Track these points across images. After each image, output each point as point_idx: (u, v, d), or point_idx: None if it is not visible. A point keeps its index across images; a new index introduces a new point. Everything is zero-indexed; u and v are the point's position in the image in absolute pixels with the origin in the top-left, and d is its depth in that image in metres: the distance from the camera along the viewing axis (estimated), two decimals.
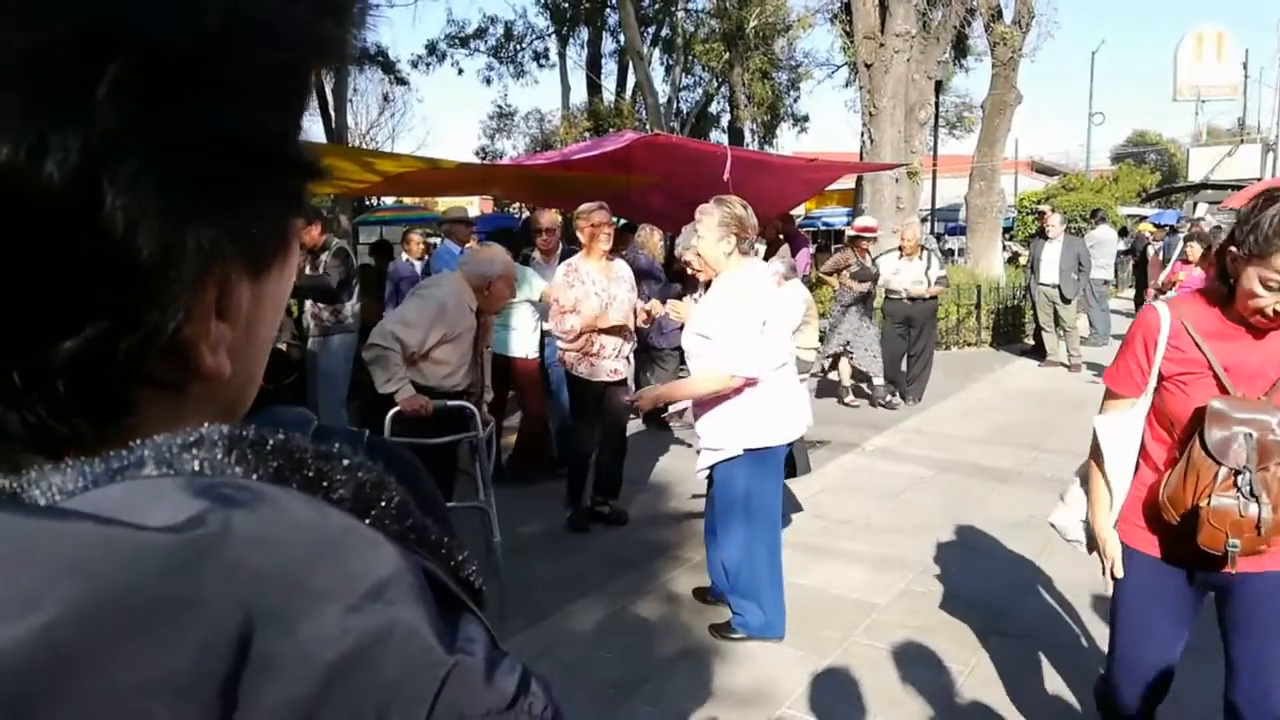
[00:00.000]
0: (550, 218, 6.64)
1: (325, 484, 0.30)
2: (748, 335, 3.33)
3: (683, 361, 4.27)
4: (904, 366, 8.53)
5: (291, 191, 0.36)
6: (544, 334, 5.82)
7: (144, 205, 0.27)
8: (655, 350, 6.77)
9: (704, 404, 3.51)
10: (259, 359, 0.38)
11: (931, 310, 8.54)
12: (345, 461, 0.31)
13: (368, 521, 0.29)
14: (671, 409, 3.86)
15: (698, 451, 3.65)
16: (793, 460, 4.10)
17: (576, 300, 4.78)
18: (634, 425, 6.27)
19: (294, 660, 0.24)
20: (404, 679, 0.26)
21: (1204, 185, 19.13)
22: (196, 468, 0.28)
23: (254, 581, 0.24)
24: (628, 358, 5.18)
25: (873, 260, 8.31)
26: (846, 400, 8.41)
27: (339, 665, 0.25)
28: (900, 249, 8.48)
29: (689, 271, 3.97)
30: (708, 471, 3.64)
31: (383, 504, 0.31)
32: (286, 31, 0.33)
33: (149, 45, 0.27)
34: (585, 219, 4.95)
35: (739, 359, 3.32)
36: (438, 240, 9.19)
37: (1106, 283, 12.43)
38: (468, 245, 7.26)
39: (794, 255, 9.19)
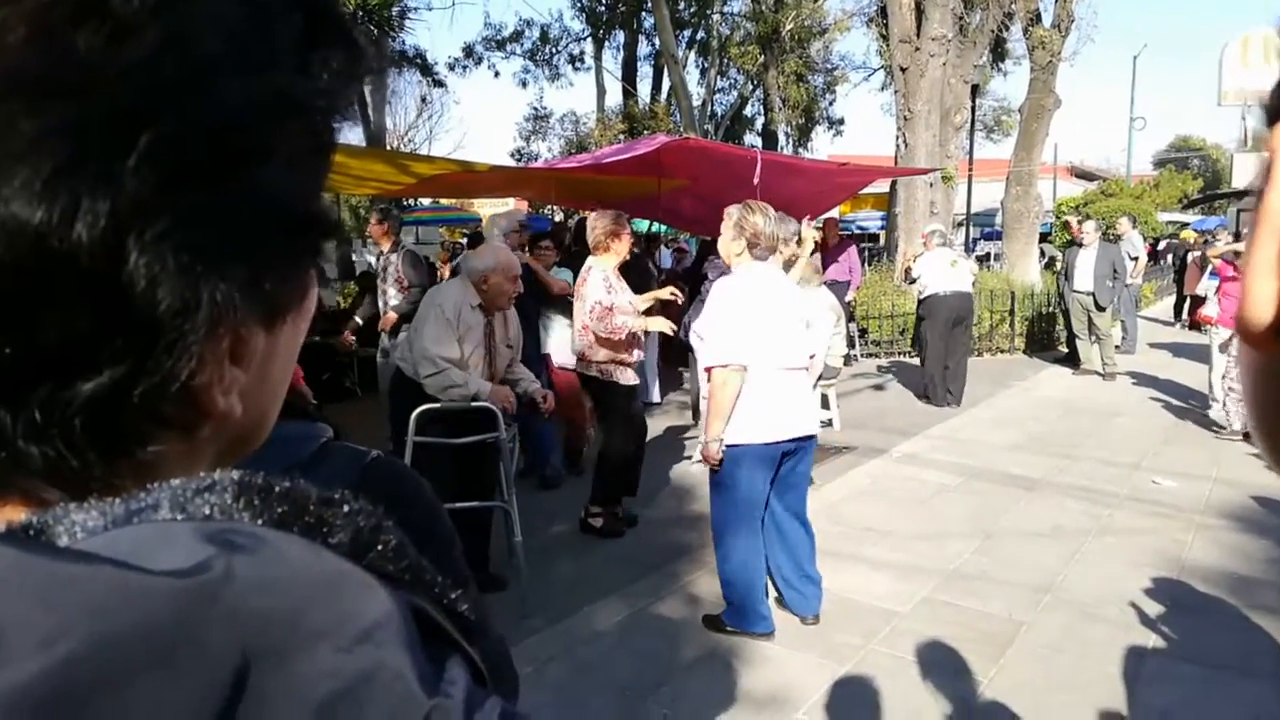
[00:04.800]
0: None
1: (325, 529, 0.32)
2: (722, 327, 3.49)
3: None
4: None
5: (309, 247, 0.38)
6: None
7: (164, 264, 0.30)
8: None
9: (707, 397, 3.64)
10: (272, 399, 0.41)
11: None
12: (345, 507, 0.33)
13: (364, 564, 0.32)
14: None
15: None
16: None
17: (615, 304, 4.82)
18: (653, 428, 6.30)
19: (285, 695, 0.26)
20: (386, 718, 0.28)
21: (1247, 192, 18.63)
22: (207, 512, 0.30)
23: (252, 622, 0.26)
24: (641, 363, 5.25)
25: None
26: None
27: (327, 702, 0.27)
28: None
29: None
30: (701, 464, 3.76)
31: (379, 547, 0.33)
32: (311, 102, 0.35)
33: (177, 124, 0.30)
34: (599, 227, 4.99)
35: (713, 349, 3.50)
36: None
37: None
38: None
39: (828, 262, 9.22)
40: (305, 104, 0.35)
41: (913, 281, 8.80)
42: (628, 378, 4.94)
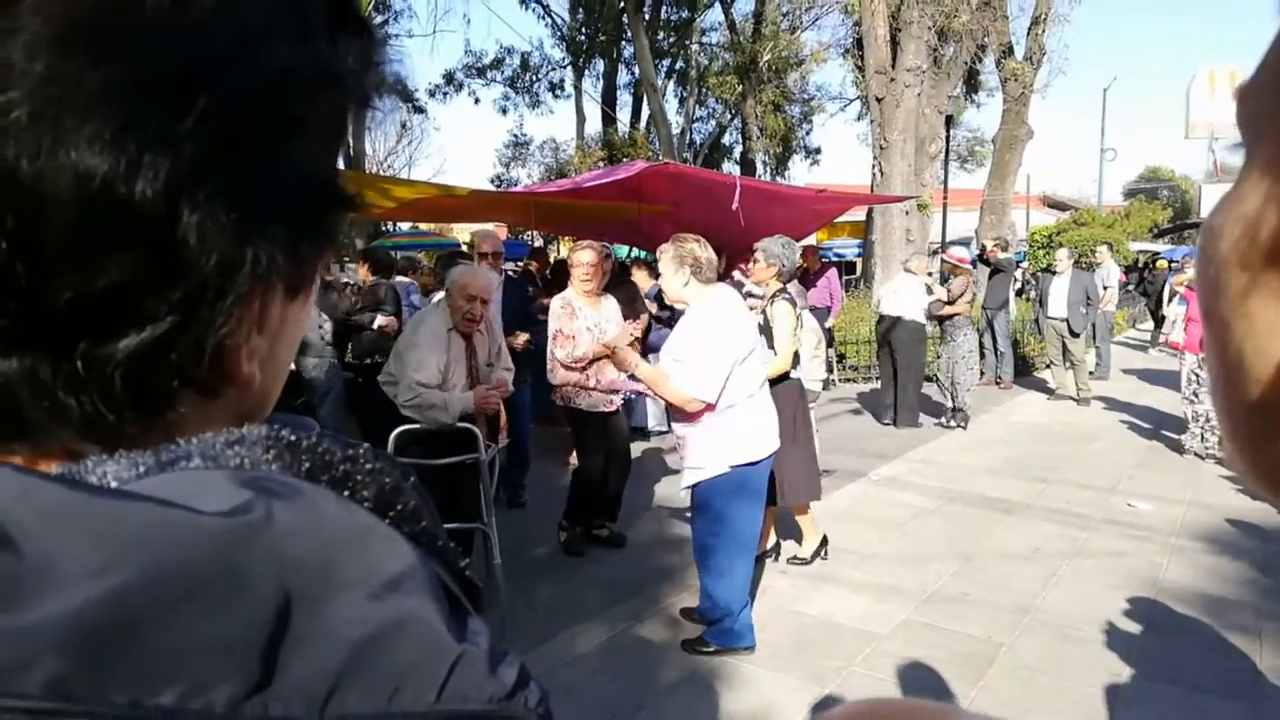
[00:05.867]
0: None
1: (351, 484, 0.33)
2: (710, 360, 3.50)
3: None
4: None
5: (335, 219, 0.39)
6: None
7: (215, 222, 0.31)
8: None
9: (687, 427, 3.64)
10: (279, 375, 0.42)
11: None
12: (368, 465, 0.34)
13: (386, 521, 0.32)
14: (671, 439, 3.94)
15: (677, 471, 3.78)
16: (773, 487, 4.19)
17: (574, 332, 4.84)
18: (634, 452, 6.27)
19: (323, 637, 0.27)
20: (417, 663, 0.28)
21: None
22: (237, 463, 0.31)
23: (291, 566, 0.27)
24: (622, 391, 5.23)
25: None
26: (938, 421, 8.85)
27: (360, 646, 0.27)
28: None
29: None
30: (690, 491, 3.75)
31: (399, 507, 0.34)
32: (340, 78, 0.37)
33: (231, 88, 0.31)
34: (572, 257, 5.11)
35: (701, 383, 3.51)
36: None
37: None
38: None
39: (810, 287, 9.30)
40: (339, 78, 0.37)
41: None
42: (591, 402, 4.95)
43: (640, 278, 7.80)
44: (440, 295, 4.55)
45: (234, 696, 0.25)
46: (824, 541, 4.82)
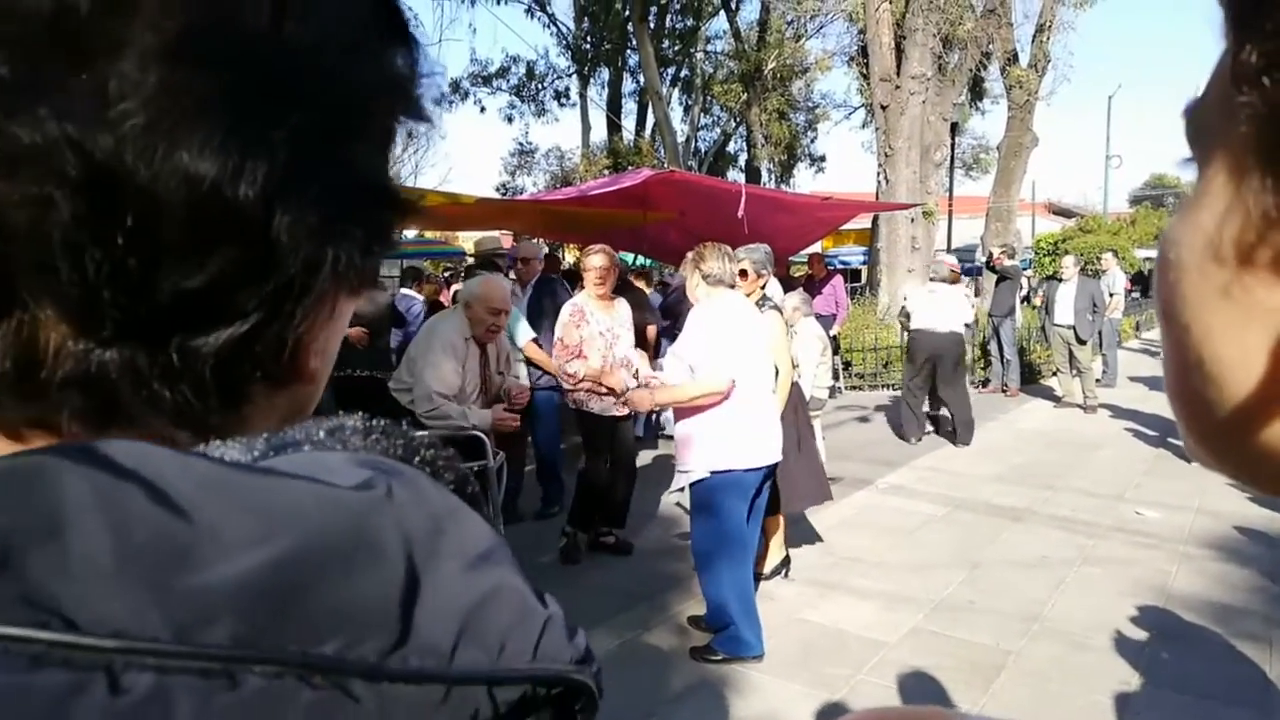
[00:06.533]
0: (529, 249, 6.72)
1: (435, 468, 0.36)
2: (721, 351, 3.61)
3: None
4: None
5: (395, 224, 0.42)
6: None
7: (305, 222, 0.34)
8: None
9: (686, 428, 3.70)
10: (329, 370, 0.44)
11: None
12: (445, 452, 0.38)
13: None
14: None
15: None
16: (776, 495, 4.20)
17: (583, 339, 4.85)
18: (642, 459, 6.28)
19: (442, 602, 0.29)
20: (515, 625, 0.31)
21: None
22: (341, 447, 0.34)
23: (411, 537, 0.30)
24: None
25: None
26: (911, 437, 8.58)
27: (471, 609, 0.30)
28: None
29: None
30: (685, 495, 3.80)
31: (468, 491, 0.37)
32: (399, 87, 0.39)
33: (315, 97, 0.34)
34: (584, 261, 5.16)
35: (712, 373, 3.60)
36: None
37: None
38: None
39: (815, 294, 9.30)
40: (403, 88, 0.39)
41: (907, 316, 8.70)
42: (602, 407, 4.96)
43: (639, 286, 7.83)
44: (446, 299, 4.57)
45: (381, 650, 0.27)
46: (785, 560, 4.68)
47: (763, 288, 4.77)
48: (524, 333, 5.56)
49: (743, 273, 4.67)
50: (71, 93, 0.28)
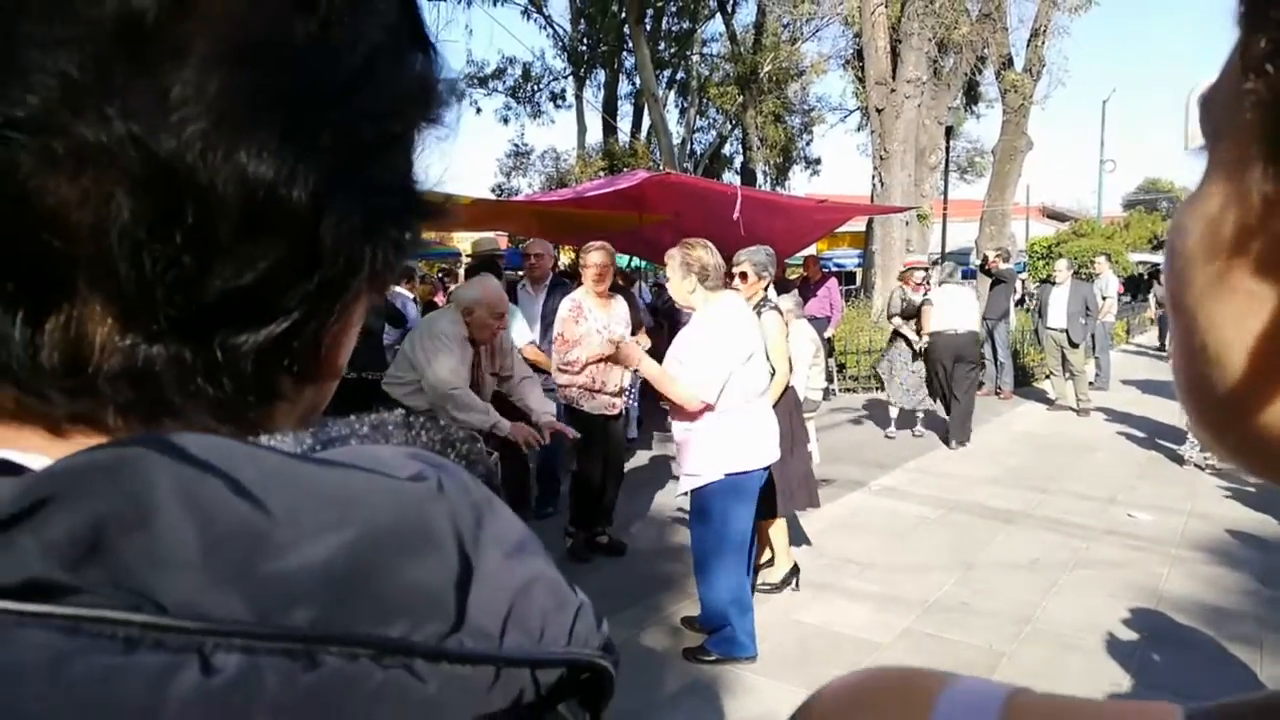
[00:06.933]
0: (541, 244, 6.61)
1: (469, 461, 0.38)
2: (713, 363, 3.56)
3: None
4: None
5: (423, 225, 0.43)
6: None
7: (349, 223, 0.35)
8: None
9: (685, 431, 3.68)
10: (343, 369, 0.45)
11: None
12: (477, 446, 0.39)
13: None
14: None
15: (676, 479, 3.82)
16: (773, 499, 4.19)
17: (581, 335, 4.86)
18: (636, 460, 6.29)
19: (489, 589, 0.31)
20: (552, 610, 0.32)
21: None
22: (385, 441, 0.36)
23: (460, 526, 0.31)
24: (625, 392, 5.26)
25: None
26: (888, 432, 8.76)
27: (514, 595, 0.31)
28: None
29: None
30: (687, 498, 3.78)
31: (495, 484, 0.38)
32: (426, 92, 0.40)
33: (359, 102, 0.35)
34: (584, 258, 5.18)
35: (701, 382, 3.56)
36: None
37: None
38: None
39: (810, 296, 9.32)
40: (432, 94, 0.40)
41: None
42: (595, 405, 4.98)
43: (623, 285, 7.88)
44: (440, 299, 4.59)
45: (440, 633, 0.28)
46: (794, 570, 4.64)
47: (765, 290, 4.76)
48: (521, 334, 5.56)
49: (743, 275, 4.67)
50: (137, 95, 0.29)
